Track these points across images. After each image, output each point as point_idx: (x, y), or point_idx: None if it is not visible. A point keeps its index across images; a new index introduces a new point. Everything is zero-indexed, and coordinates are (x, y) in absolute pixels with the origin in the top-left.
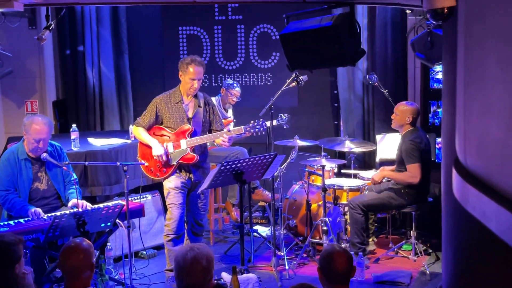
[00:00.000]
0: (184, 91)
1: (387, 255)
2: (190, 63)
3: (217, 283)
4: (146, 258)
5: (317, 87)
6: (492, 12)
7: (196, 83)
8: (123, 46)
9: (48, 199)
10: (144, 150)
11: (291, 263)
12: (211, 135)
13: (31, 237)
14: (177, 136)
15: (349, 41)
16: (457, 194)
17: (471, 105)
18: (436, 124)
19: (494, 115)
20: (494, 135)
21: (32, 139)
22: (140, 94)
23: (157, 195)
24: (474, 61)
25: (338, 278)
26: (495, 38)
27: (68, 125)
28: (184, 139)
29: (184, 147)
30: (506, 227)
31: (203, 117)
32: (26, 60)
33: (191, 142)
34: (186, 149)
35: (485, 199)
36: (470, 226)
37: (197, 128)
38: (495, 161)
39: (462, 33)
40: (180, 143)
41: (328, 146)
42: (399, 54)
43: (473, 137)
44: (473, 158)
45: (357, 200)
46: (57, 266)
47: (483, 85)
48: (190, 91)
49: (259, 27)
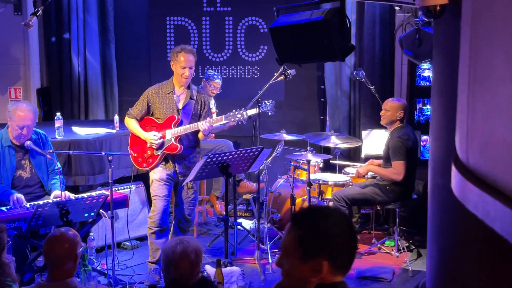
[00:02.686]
0: (176, 81)
1: (370, 250)
2: (180, 51)
3: (202, 276)
4: (129, 249)
5: (304, 82)
6: (502, 6)
7: (187, 71)
8: (109, 35)
9: (31, 188)
10: (134, 140)
11: (274, 257)
12: (193, 124)
13: (13, 226)
14: (164, 127)
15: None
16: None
17: (476, 103)
18: (421, 121)
19: (501, 114)
20: (501, 134)
21: (16, 126)
22: (126, 84)
23: (141, 186)
24: (480, 58)
25: None
26: (504, 34)
27: (52, 113)
28: (169, 129)
29: (168, 137)
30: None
31: (194, 109)
32: (10, 46)
33: (175, 132)
34: (171, 139)
35: (490, 199)
36: (465, 223)
37: (185, 119)
38: (502, 161)
39: (468, 29)
40: (166, 132)
41: (313, 141)
42: (387, 50)
43: (476, 136)
44: (476, 157)
45: (342, 193)
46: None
47: (489, 83)
48: (182, 80)
49: (248, 20)
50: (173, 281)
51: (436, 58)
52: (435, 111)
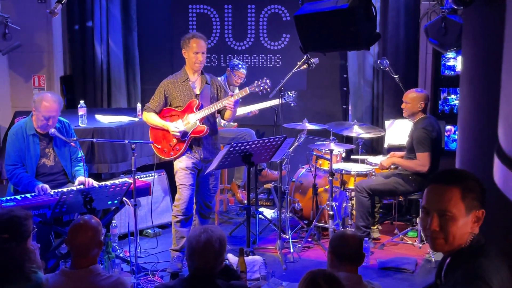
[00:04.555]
0: (189, 68)
1: (392, 241)
2: (192, 38)
3: (225, 265)
4: (151, 236)
5: (327, 71)
6: None
7: (201, 56)
8: (132, 23)
9: (54, 175)
10: (155, 133)
11: (296, 246)
12: (217, 102)
13: (37, 213)
14: (186, 112)
15: (365, 24)
16: (499, 183)
17: None
18: (446, 111)
19: None
20: None
21: (42, 116)
22: (148, 72)
23: (164, 174)
24: None
25: (349, 257)
26: None
27: (75, 101)
28: (192, 113)
29: (193, 121)
30: None
31: (211, 93)
32: (34, 34)
33: (199, 114)
34: (196, 122)
35: None
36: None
37: (204, 103)
38: None
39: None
40: (189, 117)
41: (336, 130)
42: (411, 39)
43: None
44: None
45: (364, 183)
46: (65, 243)
47: None
48: (196, 66)
49: (270, 8)
50: (197, 269)
51: (466, 47)
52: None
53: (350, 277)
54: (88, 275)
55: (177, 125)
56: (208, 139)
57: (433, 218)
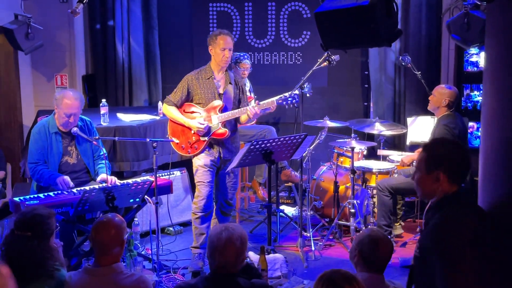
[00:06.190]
0: (216, 65)
1: (414, 239)
2: (219, 34)
3: (247, 263)
4: (172, 234)
5: (347, 68)
6: None
7: (228, 53)
8: (153, 22)
9: (77, 173)
10: (174, 127)
11: (317, 245)
12: (242, 109)
13: (60, 211)
14: (208, 112)
15: (386, 21)
16: None
17: None
18: (469, 108)
19: None
20: None
21: (63, 114)
22: (169, 71)
23: (185, 172)
24: None
25: (379, 266)
26: None
27: (97, 99)
28: (215, 114)
29: (215, 122)
30: None
31: (234, 93)
32: (56, 33)
33: (222, 117)
34: (218, 124)
35: None
36: None
37: (227, 104)
38: None
39: None
40: (212, 118)
41: (357, 128)
42: (433, 35)
43: None
44: None
45: (386, 182)
46: (88, 239)
47: None
48: (223, 62)
49: (290, 5)
50: (218, 268)
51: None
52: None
53: (372, 277)
54: (110, 273)
55: (200, 121)
56: (227, 139)
57: None
